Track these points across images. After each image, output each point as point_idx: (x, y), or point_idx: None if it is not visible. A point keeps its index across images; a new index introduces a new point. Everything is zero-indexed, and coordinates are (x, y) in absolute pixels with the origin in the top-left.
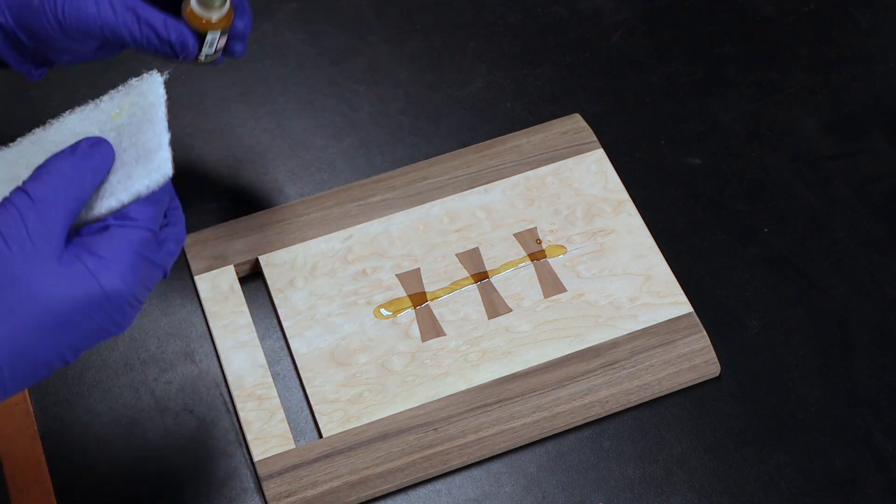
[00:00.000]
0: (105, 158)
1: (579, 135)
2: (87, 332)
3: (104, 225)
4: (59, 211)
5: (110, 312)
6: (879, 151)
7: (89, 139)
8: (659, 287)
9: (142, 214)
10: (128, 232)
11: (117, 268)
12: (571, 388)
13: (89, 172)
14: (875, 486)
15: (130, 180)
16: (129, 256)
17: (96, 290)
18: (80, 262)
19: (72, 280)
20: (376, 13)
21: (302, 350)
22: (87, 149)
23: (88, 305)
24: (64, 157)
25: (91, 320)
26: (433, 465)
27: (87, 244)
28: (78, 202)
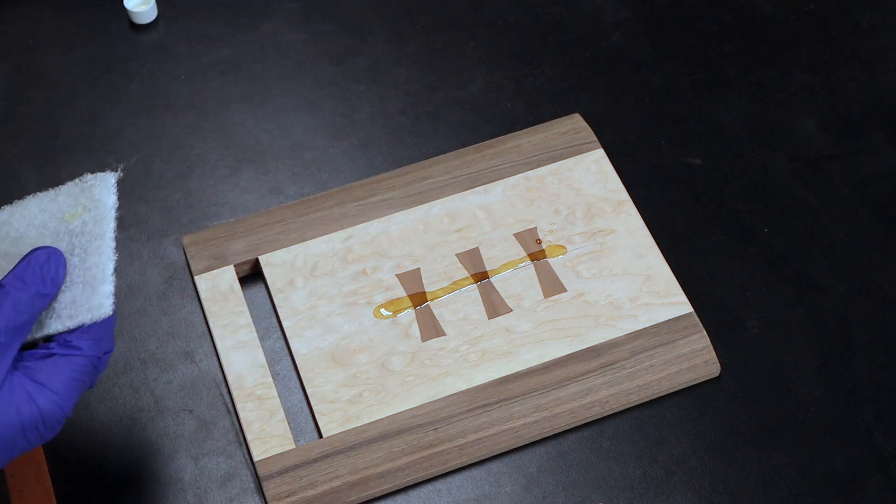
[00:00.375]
0: (56, 279)
1: (579, 135)
2: (17, 446)
3: (48, 352)
4: (10, 342)
5: (43, 431)
6: (879, 151)
7: (45, 251)
8: (659, 287)
9: (85, 344)
10: (71, 361)
11: (59, 395)
12: (571, 388)
13: (39, 300)
14: (875, 486)
15: (75, 307)
16: (70, 383)
17: (35, 414)
18: (24, 389)
19: (13, 406)
20: (376, 13)
21: (302, 350)
22: (41, 264)
23: (25, 427)
24: (17, 283)
25: (24, 439)
26: (433, 465)
27: (30, 370)
28: (27, 329)
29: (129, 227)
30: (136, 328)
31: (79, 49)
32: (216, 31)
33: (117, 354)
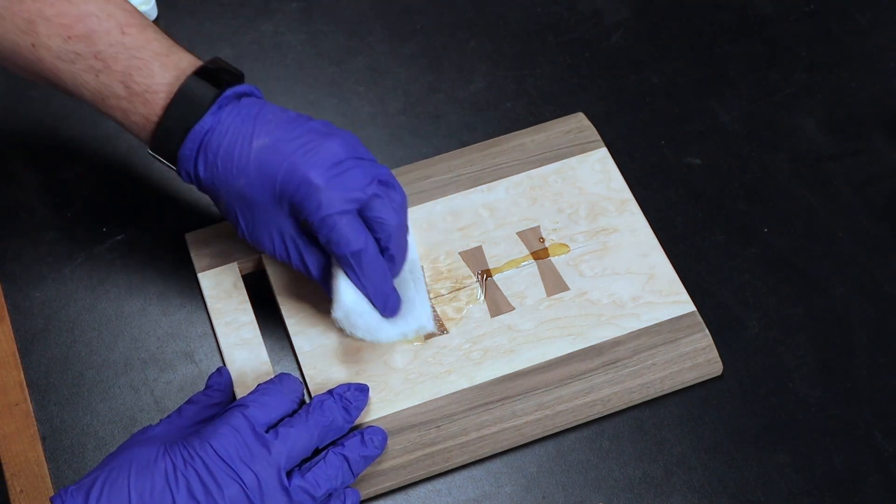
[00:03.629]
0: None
1: (583, 133)
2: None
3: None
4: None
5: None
6: (879, 151)
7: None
8: (661, 286)
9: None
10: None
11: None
12: (574, 387)
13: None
14: (875, 486)
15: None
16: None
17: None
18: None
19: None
20: (376, 13)
21: (305, 347)
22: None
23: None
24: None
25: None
26: (435, 462)
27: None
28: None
29: (129, 226)
30: (136, 328)
31: None
32: (216, 31)
33: (117, 354)
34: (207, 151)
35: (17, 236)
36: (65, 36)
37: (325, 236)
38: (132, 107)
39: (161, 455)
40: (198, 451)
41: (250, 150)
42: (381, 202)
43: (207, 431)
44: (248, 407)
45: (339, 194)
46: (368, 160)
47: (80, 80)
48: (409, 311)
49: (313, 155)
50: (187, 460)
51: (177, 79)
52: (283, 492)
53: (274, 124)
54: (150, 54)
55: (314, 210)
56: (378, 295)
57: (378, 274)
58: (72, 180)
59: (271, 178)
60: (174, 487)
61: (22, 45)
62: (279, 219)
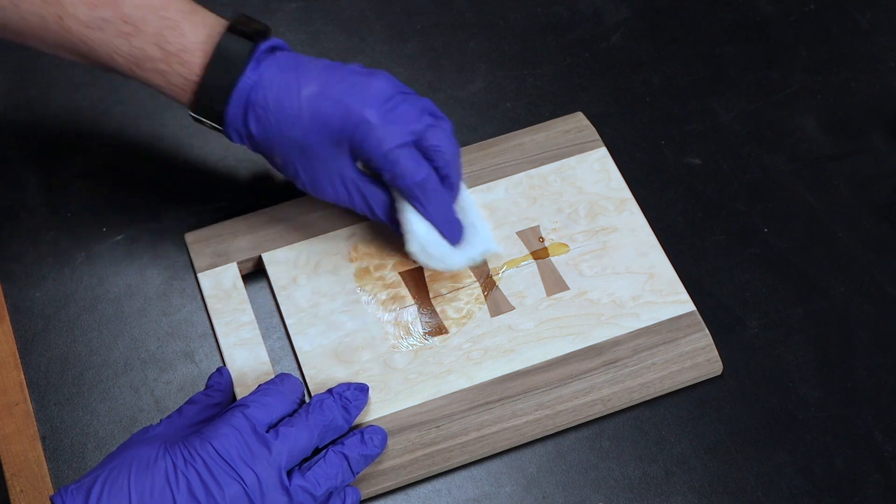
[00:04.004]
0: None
1: (582, 133)
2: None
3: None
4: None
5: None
6: (879, 151)
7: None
8: (661, 285)
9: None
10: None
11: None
12: (574, 386)
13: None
14: (875, 486)
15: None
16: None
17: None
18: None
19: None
20: (376, 13)
21: (305, 347)
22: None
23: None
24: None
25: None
26: (435, 462)
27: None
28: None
29: (129, 226)
30: (136, 328)
31: None
32: None
33: (117, 354)
34: (256, 107)
35: (17, 236)
36: (90, 3)
37: (390, 171)
38: (170, 68)
39: (161, 454)
40: (199, 450)
41: (300, 99)
42: (436, 131)
43: (208, 431)
44: (249, 407)
45: (397, 128)
46: (412, 94)
47: (112, 47)
48: (473, 236)
49: (363, 94)
50: (188, 460)
51: (209, 37)
52: (283, 491)
53: (316, 72)
54: (178, 13)
55: (375, 147)
56: (445, 222)
57: (443, 201)
58: (72, 180)
59: (327, 123)
60: (175, 487)
61: (48, 19)
62: (339, 163)
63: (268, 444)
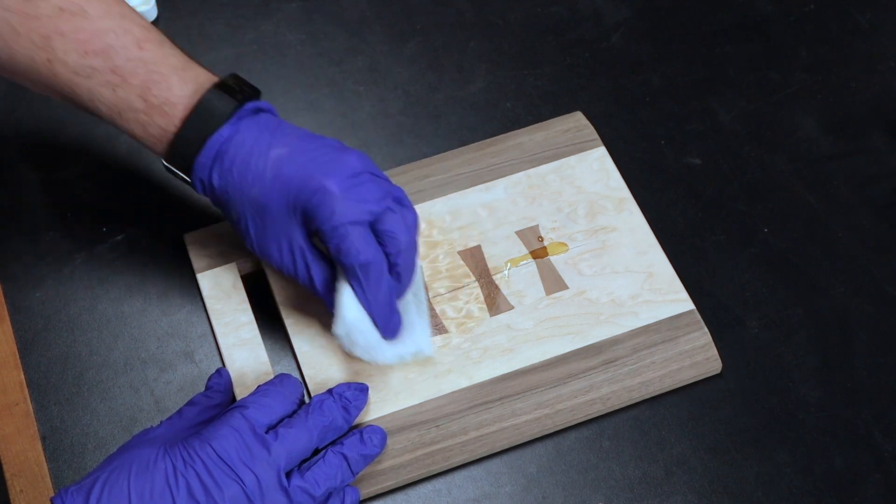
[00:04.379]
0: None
1: (581, 132)
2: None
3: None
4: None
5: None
6: (879, 151)
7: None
8: (660, 284)
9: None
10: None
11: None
12: (573, 385)
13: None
14: (875, 486)
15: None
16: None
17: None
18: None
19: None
20: (376, 13)
21: (304, 348)
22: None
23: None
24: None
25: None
26: (435, 461)
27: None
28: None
29: (129, 226)
30: (136, 328)
31: None
32: (216, 31)
33: (117, 354)
34: (224, 159)
35: (17, 236)
36: (81, 51)
37: (336, 245)
38: (150, 119)
39: (161, 456)
40: (198, 451)
41: (267, 159)
42: (395, 217)
43: (207, 432)
44: (248, 408)
45: (354, 204)
46: (383, 178)
47: (96, 95)
48: (408, 334)
49: (331, 165)
50: (187, 461)
51: (195, 92)
52: (282, 492)
53: (291, 137)
54: (168, 69)
55: (327, 217)
56: (381, 313)
57: (383, 290)
58: (72, 180)
59: (287, 186)
60: (174, 488)
61: (38, 61)
62: (290, 228)
63: (267, 445)
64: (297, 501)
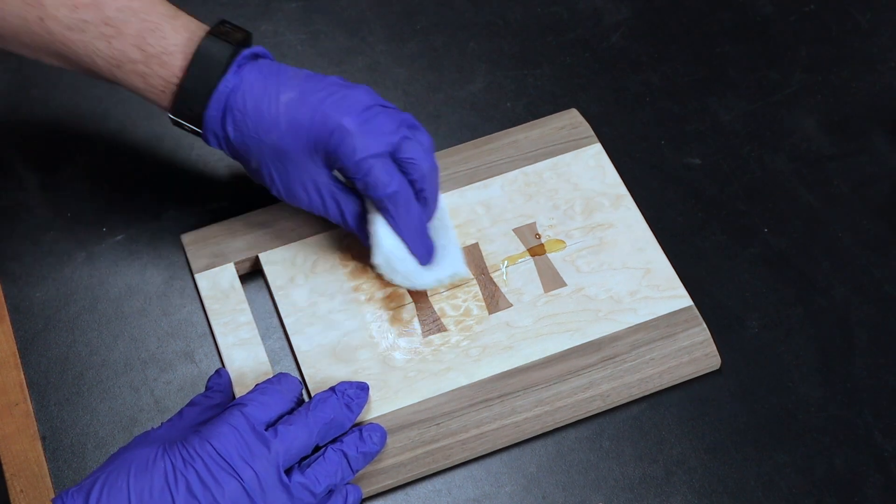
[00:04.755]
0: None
1: (577, 129)
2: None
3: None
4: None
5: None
6: (879, 151)
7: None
8: (658, 281)
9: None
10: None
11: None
12: (572, 383)
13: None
14: (875, 486)
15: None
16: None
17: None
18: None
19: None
20: (376, 13)
21: (303, 347)
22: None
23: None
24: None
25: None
26: (435, 459)
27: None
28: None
29: (128, 227)
30: (136, 328)
31: None
32: None
33: (117, 354)
34: (234, 110)
35: (17, 236)
36: (71, 5)
37: (362, 180)
38: (150, 70)
39: (160, 455)
40: (197, 450)
41: (278, 104)
42: (412, 143)
43: (207, 431)
44: (247, 406)
45: (372, 138)
46: (392, 107)
47: (92, 49)
48: (443, 258)
49: (342, 103)
50: (187, 460)
51: (189, 40)
52: (283, 488)
53: (296, 80)
54: (159, 17)
55: (349, 154)
56: (414, 239)
57: (414, 216)
58: (72, 180)
59: (303, 129)
60: (173, 487)
61: (30, 20)
62: (313, 170)
63: (266, 442)
64: (298, 497)
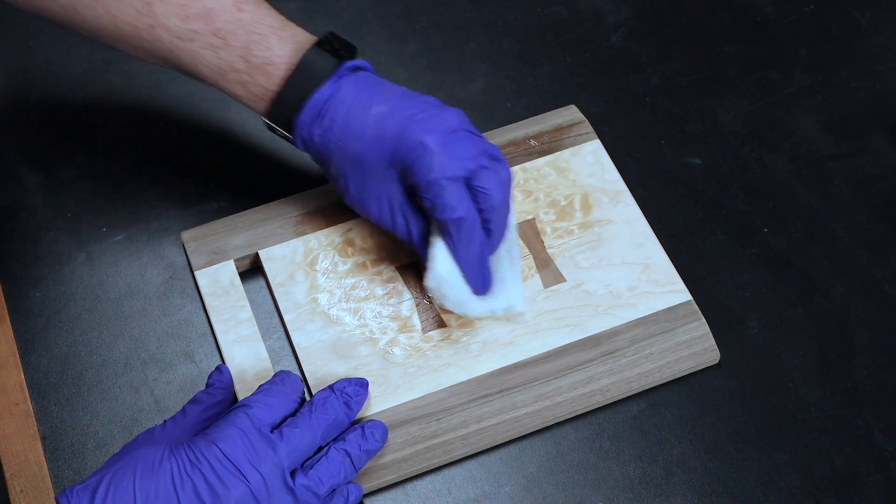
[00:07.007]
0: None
1: (576, 126)
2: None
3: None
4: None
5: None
6: (879, 151)
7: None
8: (657, 276)
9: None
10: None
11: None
12: (572, 377)
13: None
14: (875, 486)
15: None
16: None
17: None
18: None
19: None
20: (376, 13)
21: (303, 343)
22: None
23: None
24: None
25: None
26: (436, 455)
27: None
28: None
29: (129, 227)
30: (136, 328)
31: (79, 49)
32: None
33: (117, 354)
34: (325, 118)
35: (17, 236)
36: (183, 15)
37: (431, 200)
38: (252, 79)
39: (167, 456)
40: (204, 452)
41: (368, 116)
42: (489, 174)
43: (213, 433)
44: (252, 407)
45: (451, 160)
46: (479, 136)
47: (199, 58)
48: (500, 290)
49: (429, 121)
50: (194, 462)
51: (295, 51)
52: (288, 491)
53: (390, 94)
54: (267, 29)
55: (424, 172)
56: (472, 268)
57: (476, 245)
58: (72, 180)
59: (386, 142)
60: (180, 490)
61: (140, 27)
62: (388, 183)
63: (273, 444)
64: (303, 500)
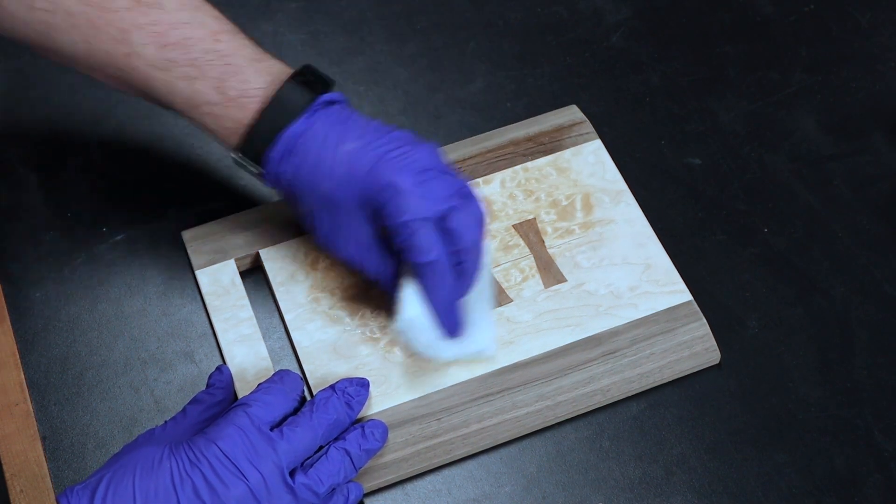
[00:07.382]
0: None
1: (577, 126)
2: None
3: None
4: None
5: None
6: (879, 151)
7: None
8: (658, 276)
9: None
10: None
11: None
12: (573, 377)
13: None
14: (875, 486)
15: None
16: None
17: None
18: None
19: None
20: (376, 13)
21: (304, 343)
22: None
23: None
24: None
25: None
26: (436, 454)
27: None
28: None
29: (129, 226)
30: (136, 328)
31: None
32: None
33: (117, 354)
34: (295, 155)
35: (17, 236)
36: (159, 44)
37: (402, 242)
38: (225, 112)
39: (167, 455)
40: (204, 451)
41: (338, 153)
42: (461, 215)
43: (213, 432)
44: (252, 406)
45: (422, 202)
46: (451, 173)
47: (173, 88)
48: (471, 333)
49: (401, 160)
50: (193, 461)
51: (271, 84)
52: (288, 490)
53: (363, 130)
54: (244, 60)
55: (395, 214)
56: (443, 311)
57: (446, 290)
58: (72, 180)
59: (357, 181)
60: (179, 489)
61: (116, 55)
62: (358, 223)
63: (273, 443)
64: (303, 499)
